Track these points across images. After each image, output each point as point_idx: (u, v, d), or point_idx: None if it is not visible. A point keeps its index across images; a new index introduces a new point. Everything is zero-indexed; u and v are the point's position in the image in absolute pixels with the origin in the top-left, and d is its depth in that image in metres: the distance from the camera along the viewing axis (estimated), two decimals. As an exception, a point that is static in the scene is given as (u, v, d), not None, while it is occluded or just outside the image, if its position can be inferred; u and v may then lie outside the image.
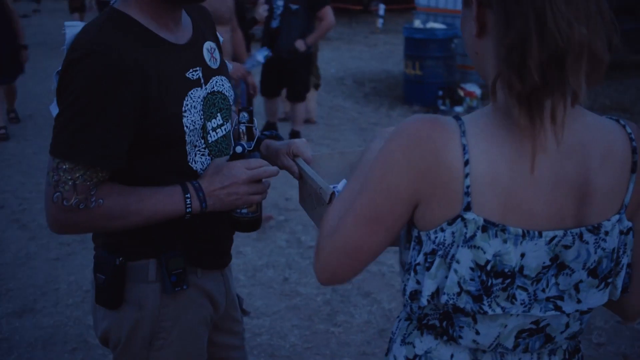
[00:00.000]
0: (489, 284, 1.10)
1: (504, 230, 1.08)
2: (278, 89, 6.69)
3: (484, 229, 1.08)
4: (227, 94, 1.68)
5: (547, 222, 1.10)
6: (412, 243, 1.16)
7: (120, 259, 1.58)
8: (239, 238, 4.47)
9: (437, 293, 1.13)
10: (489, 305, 1.12)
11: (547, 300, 1.15)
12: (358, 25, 16.86)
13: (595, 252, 1.14)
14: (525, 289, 1.12)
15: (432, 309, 1.19)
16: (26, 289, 3.94)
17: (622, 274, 1.18)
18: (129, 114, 1.42)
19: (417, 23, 8.48)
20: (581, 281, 1.15)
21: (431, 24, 8.27)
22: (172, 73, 1.51)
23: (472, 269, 1.09)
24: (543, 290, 1.13)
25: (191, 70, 1.56)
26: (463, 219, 1.08)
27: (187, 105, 1.53)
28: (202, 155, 1.60)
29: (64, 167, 1.41)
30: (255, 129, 1.65)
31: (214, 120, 1.62)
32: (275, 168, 1.63)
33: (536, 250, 1.10)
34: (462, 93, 7.98)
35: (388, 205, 1.12)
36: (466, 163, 1.05)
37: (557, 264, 1.12)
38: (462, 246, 1.09)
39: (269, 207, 5.15)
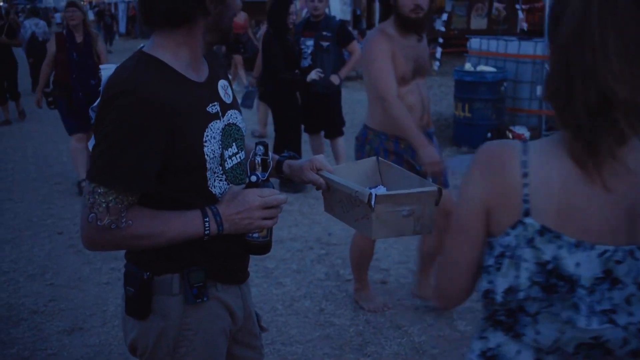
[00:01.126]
0: (552, 282, 1.25)
1: (558, 237, 1.24)
2: (319, 125, 6.94)
3: (541, 233, 1.25)
4: (240, 125, 1.89)
5: (599, 236, 1.24)
6: (486, 249, 1.34)
7: (148, 273, 1.77)
8: (279, 270, 4.67)
9: (512, 290, 1.28)
10: (555, 304, 1.27)
11: (602, 313, 1.24)
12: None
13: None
14: (584, 299, 1.24)
15: (501, 306, 1.34)
16: (77, 309, 4.19)
17: None
18: (157, 144, 1.62)
19: (468, 66, 8.61)
20: (632, 295, 1.25)
21: (482, 67, 8.38)
22: (195, 108, 1.72)
23: (536, 264, 1.26)
24: (598, 302, 1.24)
25: (210, 105, 1.77)
26: (523, 224, 1.26)
27: (208, 136, 1.73)
28: (220, 180, 1.79)
29: (99, 191, 1.61)
30: (270, 161, 1.83)
31: (230, 149, 1.81)
32: (284, 196, 1.80)
33: (589, 262, 1.23)
34: (510, 135, 8.03)
35: (468, 215, 1.34)
36: (525, 175, 1.26)
37: (611, 279, 1.24)
38: (525, 247, 1.26)
39: (312, 241, 5.31)
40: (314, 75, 6.50)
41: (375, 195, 1.79)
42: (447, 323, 3.95)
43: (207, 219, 1.71)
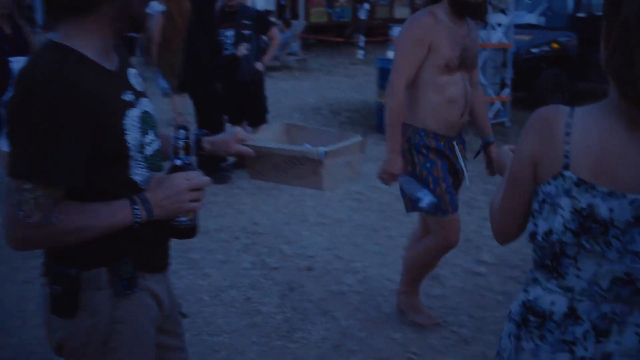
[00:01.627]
0: (587, 225, 1.48)
1: (593, 187, 1.47)
2: (243, 115, 6.95)
3: (578, 184, 1.48)
4: (153, 113, 1.86)
5: (631, 187, 1.46)
6: (534, 196, 1.58)
7: (75, 269, 1.72)
8: (205, 261, 4.64)
9: (549, 232, 1.52)
10: (587, 241, 1.50)
11: (633, 254, 1.47)
12: (339, 57, 17.16)
13: None
14: (618, 239, 1.47)
15: (546, 251, 1.56)
16: (-5, 309, 4.05)
17: None
18: (83, 135, 1.58)
19: (390, 54, 8.71)
20: None
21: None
22: (112, 96, 1.68)
23: (571, 212, 1.49)
24: (630, 244, 1.47)
25: (125, 93, 1.74)
26: (562, 176, 1.50)
27: (127, 124, 1.69)
28: (141, 168, 1.76)
29: (26, 187, 1.55)
30: (193, 144, 1.82)
31: (147, 136, 1.78)
32: (208, 178, 1.79)
33: (621, 208, 1.46)
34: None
35: (521, 168, 1.58)
36: (567, 134, 1.49)
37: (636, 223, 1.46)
38: (562, 196, 1.49)
39: (238, 231, 5.29)
40: (244, 50, 6.56)
41: (325, 151, 2.04)
42: (373, 306, 4.01)
43: (136, 207, 1.68)
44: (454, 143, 3.44)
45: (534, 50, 9.97)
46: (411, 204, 3.46)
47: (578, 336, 1.56)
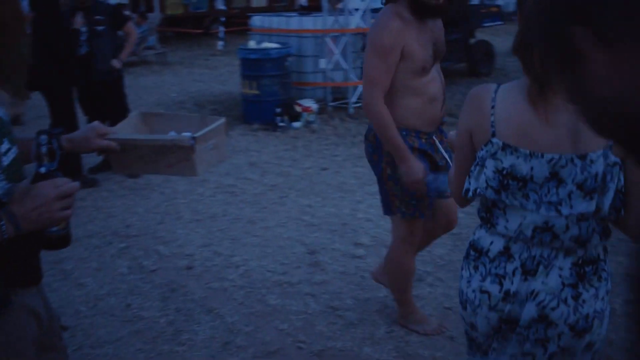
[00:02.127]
0: (505, 183, 1.80)
1: (516, 150, 1.78)
2: (103, 115, 6.68)
3: (503, 148, 1.80)
4: (5, 118, 1.73)
5: (548, 148, 1.76)
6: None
7: None
8: (79, 270, 4.43)
9: (476, 190, 1.86)
10: (507, 197, 1.82)
11: (549, 204, 1.77)
12: (199, 49, 16.89)
13: (582, 173, 1.77)
14: (535, 192, 1.78)
15: (482, 205, 1.93)
16: None
17: (610, 195, 1.77)
18: None
19: (252, 44, 8.68)
20: (572, 192, 1.77)
21: (265, 44, 8.48)
22: None
23: (493, 172, 1.82)
24: (546, 195, 1.78)
25: None
26: (491, 142, 1.82)
27: None
28: (0, 180, 1.64)
29: None
30: (56, 149, 1.71)
31: (2, 145, 1.66)
32: (76, 183, 1.69)
33: (540, 166, 1.76)
34: (299, 109, 8.24)
35: (461, 139, 1.92)
36: (492, 107, 1.82)
37: (557, 178, 1.77)
38: (489, 158, 1.82)
39: (110, 235, 5.10)
40: (117, 63, 6.47)
41: (194, 137, 2.07)
42: (257, 299, 4.00)
43: (2, 223, 1.56)
44: (434, 137, 3.28)
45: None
46: (388, 207, 3.36)
47: (508, 271, 1.88)
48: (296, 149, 7.35)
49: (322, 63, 8.81)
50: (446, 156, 3.28)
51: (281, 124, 8.12)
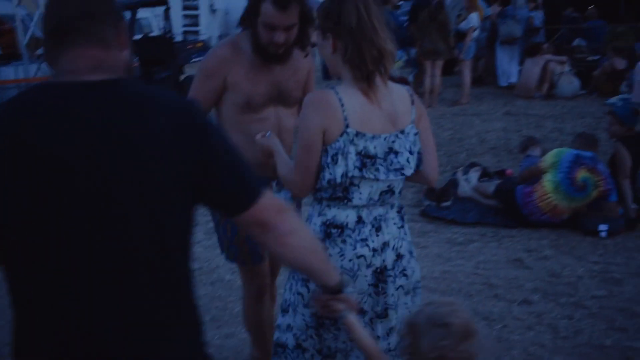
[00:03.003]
0: (364, 161, 2.23)
1: (364, 135, 2.23)
2: None
3: (357, 135, 2.21)
4: None
5: (382, 130, 2.26)
6: (323, 155, 2.23)
7: None
8: None
9: (344, 174, 2.21)
10: (366, 172, 2.24)
11: (394, 170, 2.27)
12: None
13: (411, 144, 2.32)
14: (382, 165, 2.26)
15: (337, 187, 2.25)
16: None
17: (415, 157, 2.34)
18: None
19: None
20: (407, 158, 2.30)
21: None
22: None
23: (356, 154, 2.22)
24: (390, 165, 2.27)
25: None
26: (346, 132, 2.21)
27: None
28: None
29: None
30: None
31: None
32: None
33: (381, 145, 2.26)
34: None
35: (313, 137, 2.21)
36: (342, 105, 2.20)
37: (394, 151, 2.28)
38: (349, 145, 2.21)
39: None
40: None
41: None
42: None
43: None
44: (273, 184, 3.04)
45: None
46: (227, 252, 3.17)
47: (367, 234, 2.30)
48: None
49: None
50: None
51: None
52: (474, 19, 10.89)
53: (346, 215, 2.29)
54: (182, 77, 12.27)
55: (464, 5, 11.42)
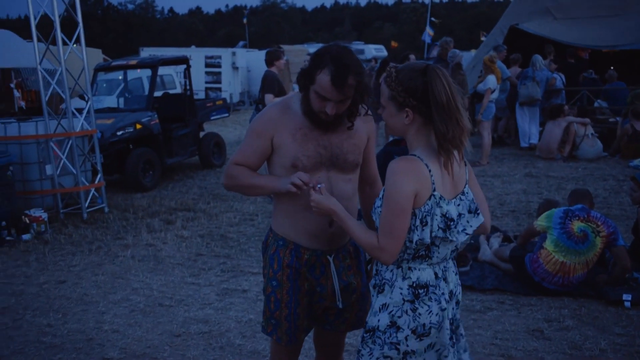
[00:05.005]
0: (447, 224, 2.42)
1: (443, 199, 2.41)
2: None
3: (441, 198, 2.40)
4: None
5: (453, 194, 2.47)
6: (412, 218, 2.39)
7: None
8: None
9: (430, 234, 2.40)
10: (450, 234, 2.43)
11: (462, 231, 2.46)
12: None
13: (471, 202, 2.53)
14: (456, 227, 2.44)
15: (421, 247, 2.43)
16: None
17: (474, 215, 2.52)
18: None
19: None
20: (468, 220, 2.50)
21: (-19, 154, 7.86)
22: None
23: (441, 216, 2.41)
24: (461, 225, 2.46)
25: None
26: (433, 195, 2.39)
27: None
28: None
29: None
30: None
31: None
32: None
33: (454, 208, 2.44)
34: (27, 220, 7.72)
35: (407, 200, 2.35)
36: (429, 171, 2.38)
37: (459, 214, 2.47)
38: (435, 207, 2.39)
39: None
40: None
41: None
42: None
43: None
44: (330, 258, 2.88)
45: (120, 132, 10.16)
46: (266, 324, 3.00)
47: (442, 286, 2.50)
48: (29, 264, 6.83)
49: (49, 169, 8.40)
50: (336, 286, 2.89)
51: (8, 238, 7.52)
52: (491, 80, 10.89)
53: (427, 275, 2.48)
54: (202, 134, 12.35)
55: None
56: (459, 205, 2.49)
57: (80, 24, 8.63)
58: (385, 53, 36.00)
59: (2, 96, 16.68)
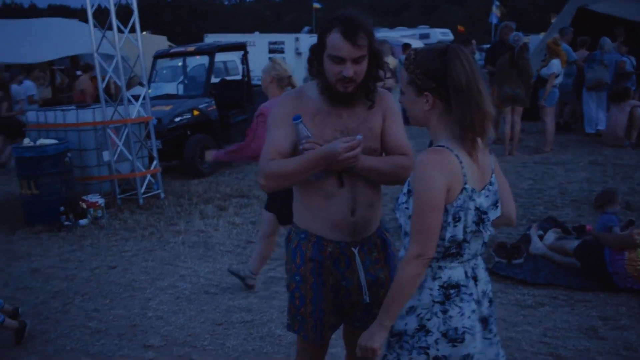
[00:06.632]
0: (481, 217, 2.27)
1: (474, 190, 2.25)
2: None
3: (472, 191, 2.24)
4: None
5: (481, 185, 2.31)
6: (444, 215, 2.21)
7: None
8: None
9: (464, 230, 2.25)
10: (483, 227, 2.29)
11: (489, 223, 2.31)
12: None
13: (494, 193, 2.38)
14: (487, 219, 2.30)
15: (453, 245, 2.26)
16: None
17: (498, 205, 2.39)
18: None
19: (27, 141, 8.20)
20: (491, 211, 2.35)
21: (42, 141, 8.04)
22: None
23: (474, 210, 2.25)
24: (490, 219, 2.32)
25: None
26: (465, 189, 2.22)
27: None
28: None
29: None
30: None
31: None
32: None
33: (484, 199, 2.29)
34: (84, 205, 7.87)
35: (439, 197, 2.18)
36: (460, 162, 2.22)
37: (490, 206, 2.33)
38: (469, 201, 2.23)
39: None
40: None
41: None
42: None
43: None
44: (354, 250, 2.75)
45: (177, 119, 10.24)
46: (291, 321, 2.91)
47: (471, 286, 2.32)
48: (83, 249, 6.96)
49: (106, 155, 8.53)
50: (363, 280, 2.76)
51: (66, 223, 7.68)
52: (555, 65, 10.46)
53: (458, 274, 2.32)
54: (260, 120, 12.33)
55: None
56: (487, 196, 2.33)
57: (136, 12, 8.72)
58: (451, 37, 35.21)
59: (72, 83, 17.07)
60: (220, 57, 14.41)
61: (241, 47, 12.07)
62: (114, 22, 8.44)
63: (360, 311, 2.84)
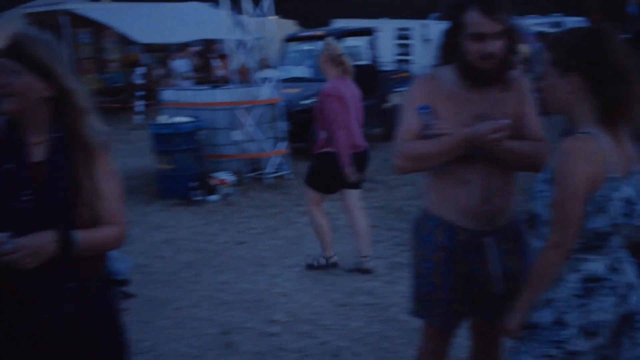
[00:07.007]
0: (630, 208, 2.13)
1: (621, 180, 2.12)
2: None
3: (616, 180, 2.11)
4: None
5: (626, 173, 2.15)
6: (586, 205, 2.11)
7: None
8: None
9: (610, 221, 2.12)
10: (635, 219, 2.15)
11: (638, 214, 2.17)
12: (117, 123, 16.63)
13: (636, 183, 2.19)
14: (637, 208, 2.16)
15: (596, 237, 2.14)
16: None
17: None
18: None
19: (163, 118, 8.58)
20: None
21: (177, 118, 8.39)
22: None
23: (621, 200, 2.12)
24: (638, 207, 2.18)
25: None
26: (609, 178, 2.10)
27: None
28: None
29: None
30: None
31: None
32: None
33: (630, 187, 2.15)
34: (215, 182, 8.15)
35: (580, 184, 2.08)
36: (603, 149, 2.09)
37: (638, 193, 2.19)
38: (614, 191, 2.11)
39: None
40: None
41: None
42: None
43: None
44: (488, 239, 2.67)
45: (305, 102, 10.37)
46: (418, 307, 2.88)
47: (615, 280, 2.18)
48: (213, 223, 7.22)
49: (235, 135, 8.78)
50: (496, 269, 2.67)
51: (197, 198, 8.00)
52: None
53: (600, 267, 2.19)
54: (386, 106, 12.28)
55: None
56: (634, 185, 2.19)
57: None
58: (587, 26, 33.46)
59: (204, 65, 17.71)
60: (347, 42, 14.44)
61: (368, 32, 12.04)
62: (247, 5, 8.64)
63: (490, 302, 2.73)
